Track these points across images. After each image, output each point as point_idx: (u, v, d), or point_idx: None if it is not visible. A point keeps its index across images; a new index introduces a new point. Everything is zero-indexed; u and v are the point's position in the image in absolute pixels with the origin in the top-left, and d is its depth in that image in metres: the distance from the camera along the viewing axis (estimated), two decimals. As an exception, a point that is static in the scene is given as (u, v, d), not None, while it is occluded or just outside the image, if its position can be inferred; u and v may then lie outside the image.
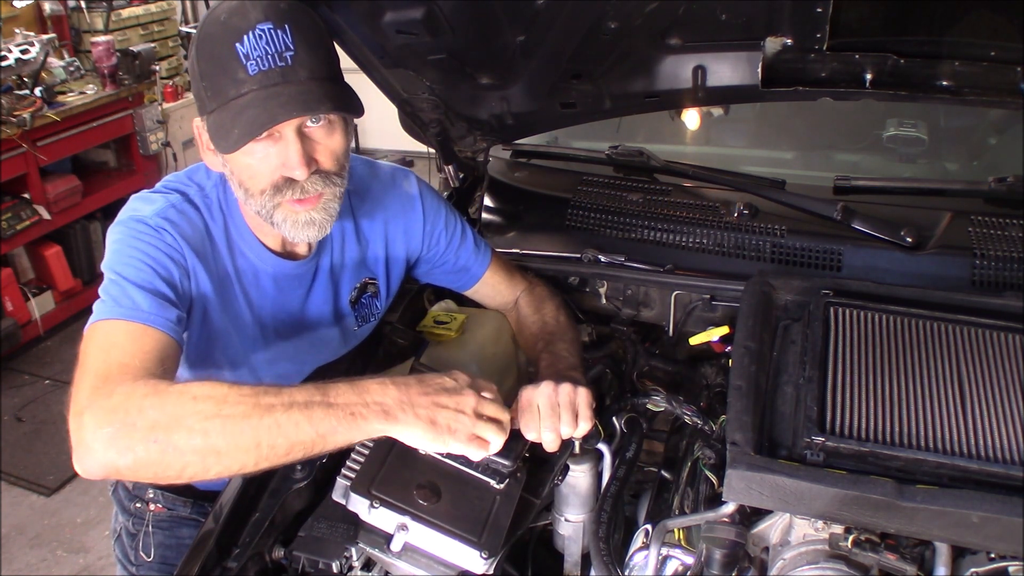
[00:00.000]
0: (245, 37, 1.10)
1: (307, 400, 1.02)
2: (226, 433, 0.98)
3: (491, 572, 1.09)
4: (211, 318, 1.29)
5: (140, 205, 1.24)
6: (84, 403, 1.01)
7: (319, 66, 1.15)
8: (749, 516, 1.17)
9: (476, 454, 1.11)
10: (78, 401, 1.02)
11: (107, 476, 1.02)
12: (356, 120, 1.26)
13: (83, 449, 0.99)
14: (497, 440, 1.11)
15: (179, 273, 1.20)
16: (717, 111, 2.38)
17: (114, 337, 1.10)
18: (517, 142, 2.12)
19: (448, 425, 1.07)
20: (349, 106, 1.17)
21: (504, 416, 1.13)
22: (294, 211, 1.21)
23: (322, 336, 1.45)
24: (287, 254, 1.36)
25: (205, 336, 1.30)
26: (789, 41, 1.59)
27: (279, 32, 1.11)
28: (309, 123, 1.18)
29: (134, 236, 1.20)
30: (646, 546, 1.20)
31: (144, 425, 0.98)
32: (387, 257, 1.50)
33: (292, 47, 1.11)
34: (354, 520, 1.13)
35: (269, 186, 1.19)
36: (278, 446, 1.00)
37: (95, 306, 1.15)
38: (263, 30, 1.10)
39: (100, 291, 1.16)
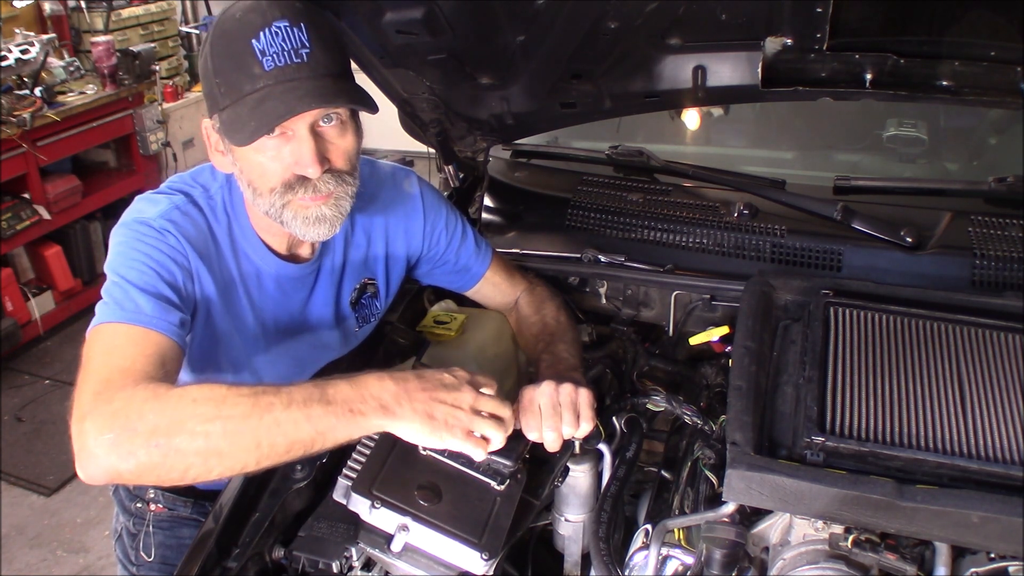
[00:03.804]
0: (261, 33, 1.10)
1: (306, 398, 1.02)
2: (227, 434, 0.98)
3: (491, 573, 1.09)
4: (214, 320, 1.29)
5: (144, 206, 1.24)
6: (86, 409, 1.01)
7: (333, 64, 1.16)
8: (749, 516, 1.17)
9: (476, 452, 1.10)
10: (80, 407, 1.02)
11: (111, 481, 1.03)
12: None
13: (85, 455, 0.99)
14: (497, 436, 1.11)
15: (182, 276, 1.20)
16: (717, 111, 2.38)
17: (116, 341, 1.10)
18: (517, 142, 2.12)
19: (445, 420, 1.07)
20: (365, 101, 1.18)
21: (504, 411, 1.12)
22: (304, 206, 1.21)
23: (323, 338, 1.45)
24: (291, 256, 1.36)
25: (208, 338, 1.30)
26: (789, 41, 1.59)
27: (295, 30, 1.11)
28: (322, 122, 1.18)
29: (137, 238, 1.19)
30: (646, 546, 1.20)
31: (145, 430, 0.98)
32: (387, 257, 1.50)
33: (308, 44, 1.12)
34: (354, 520, 1.13)
35: (280, 184, 1.19)
36: (278, 444, 1.00)
37: (97, 307, 1.15)
38: (279, 27, 1.10)
39: (103, 292, 1.16)
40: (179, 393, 1.02)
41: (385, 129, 2.01)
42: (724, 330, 1.54)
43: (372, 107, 1.19)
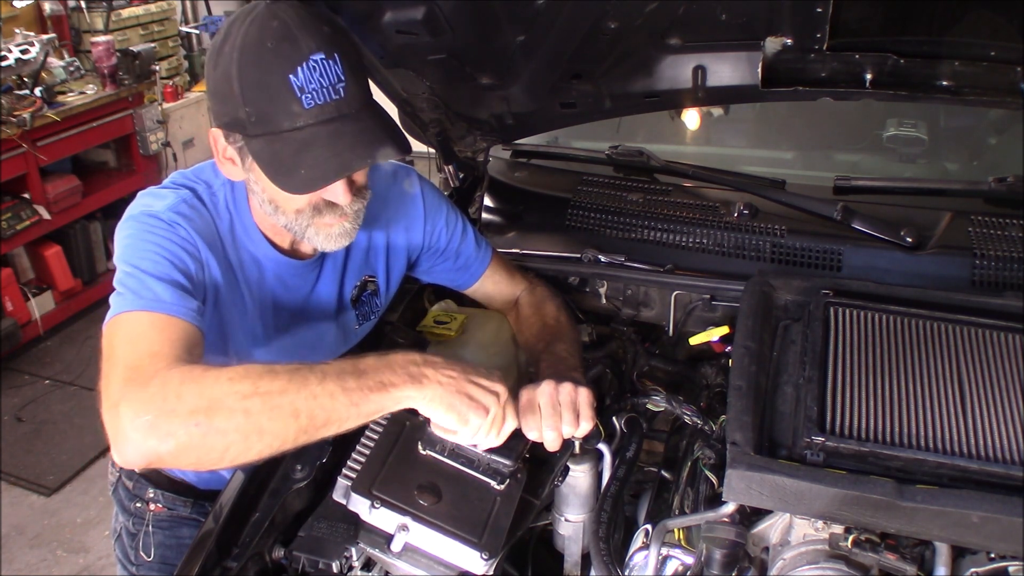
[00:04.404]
0: (299, 69, 1.08)
1: (339, 371, 1.04)
2: (266, 409, 0.99)
3: (491, 573, 1.09)
4: (221, 312, 1.29)
5: (151, 201, 1.24)
6: (118, 395, 1.01)
7: (364, 93, 1.16)
8: (749, 516, 1.17)
9: (486, 440, 1.13)
10: (111, 394, 1.01)
11: (150, 465, 1.03)
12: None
13: (122, 439, 0.99)
14: (501, 435, 1.14)
15: (195, 265, 1.20)
16: (717, 111, 2.38)
17: (139, 328, 1.10)
18: (517, 142, 2.12)
19: (479, 400, 1.10)
20: (407, 148, 1.19)
21: (513, 418, 1.15)
22: (329, 225, 1.23)
23: (323, 334, 1.45)
24: (293, 253, 1.37)
25: (215, 330, 1.30)
26: (789, 41, 1.59)
27: (330, 63, 1.10)
28: None
29: (147, 230, 1.19)
30: (646, 546, 1.20)
31: (184, 410, 0.98)
32: (388, 254, 1.50)
33: (343, 78, 1.11)
34: (354, 520, 1.13)
35: (307, 207, 1.20)
36: (316, 417, 1.01)
37: (112, 299, 1.14)
38: (316, 61, 1.09)
39: (116, 284, 1.15)
40: (215, 372, 1.02)
41: (385, 129, 2.01)
42: (724, 330, 1.54)
43: (409, 150, 1.20)
